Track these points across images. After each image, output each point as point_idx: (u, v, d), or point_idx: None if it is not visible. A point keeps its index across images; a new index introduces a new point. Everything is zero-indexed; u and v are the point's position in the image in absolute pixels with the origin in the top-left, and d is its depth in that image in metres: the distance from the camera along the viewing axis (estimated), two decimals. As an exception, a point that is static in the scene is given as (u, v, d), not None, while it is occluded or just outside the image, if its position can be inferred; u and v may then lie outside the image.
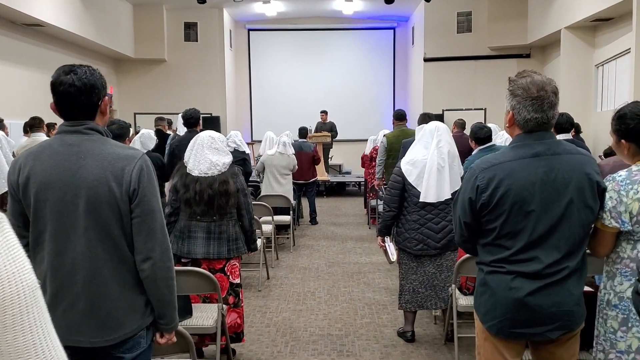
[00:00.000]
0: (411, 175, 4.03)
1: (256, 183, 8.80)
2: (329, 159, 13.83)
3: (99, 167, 1.88)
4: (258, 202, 6.85)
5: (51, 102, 1.94)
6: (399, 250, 4.24)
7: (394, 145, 7.11)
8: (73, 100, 1.91)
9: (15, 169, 1.92)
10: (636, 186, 2.16)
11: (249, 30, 16.24)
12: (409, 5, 14.52)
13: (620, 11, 8.75)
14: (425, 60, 13.81)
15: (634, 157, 2.27)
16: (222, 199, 3.77)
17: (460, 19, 13.54)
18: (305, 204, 9.67)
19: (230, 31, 15.41)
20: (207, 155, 3.80)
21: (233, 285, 3.89)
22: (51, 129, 7.51)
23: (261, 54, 16.26)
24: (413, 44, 15.21)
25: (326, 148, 12.99)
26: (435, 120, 4.35)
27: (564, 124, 4.70)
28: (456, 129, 9.53)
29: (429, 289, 4.15)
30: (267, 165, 7.84)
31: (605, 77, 10.02)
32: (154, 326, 2.03)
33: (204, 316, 3.50)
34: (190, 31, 14.45)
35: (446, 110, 13.45)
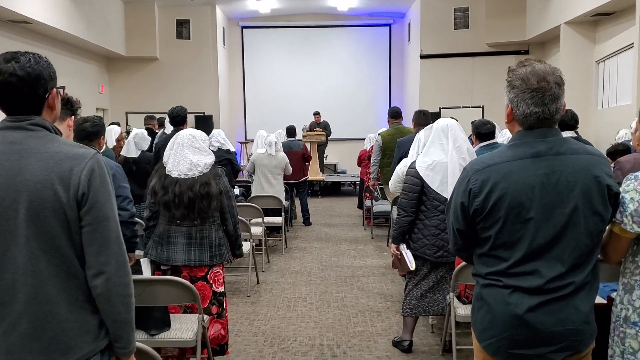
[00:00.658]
0: (434, 181, 3.76)
1: (247, 183, 8.56)
2: (324, 158, 13.59)
3: (43, 168, 1.63)
4: (248, 203, 6.60)
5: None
6: (414, 257, 3.95)
7: (389, 144, 6.87)
8: (15, 92, 1.66)
9: None
10: None
11: (243, 27, 16.00)
12: (405, 1, 14.30)
13: (622, 5, 8.53)
14: (422, 57, 13.58)
15: None
16: (204, 201, 3.51)
17: (458, 14, 13.32)
18: (298, 204, 9.41)
19: (224, 28, 15.17)
20: (187, 155, 3.55)
21: (216, 294, 3.63)
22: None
23: (255, 51, 16.02)
24: (409, 40, 14.98)
25: (321, 147, 12.76)
26: (441, 118, 4.11)
27: (568, 120, 4.45)
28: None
29: (437, 292, 3.92)
30: (258, 165, 7.60)
31: (606, 74, 9.80)
32: (110, 350, 1.78)
33: (184, 328, 3.25)
34: (183, 28, 14.22)
35: (443, 108, 13.21)
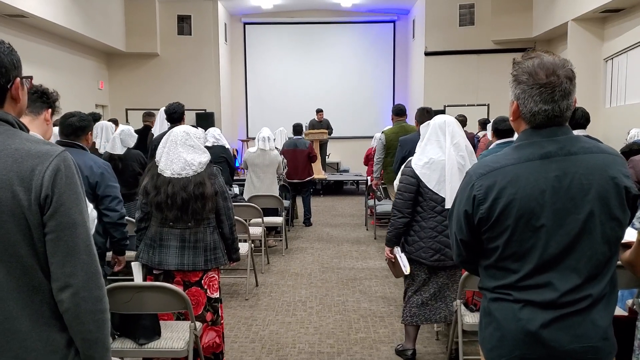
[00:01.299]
0: (430, 180, 3.56)
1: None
2: (327, 157, 13.39)
3: (1, 167, 1.44)
4: (248, 203, 6.42)
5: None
6: (410, 261, 3.76)
7: (392, 142, 6.68)
8: None
9: None
10: None
11: (245, 23, 15.80)
12: (410, -3, 14.10)
13: (631, 1, 8.33)
14: (427, 54, 13.37)
15: None
16: (198, 203, 3.33)
17: (463, 11, 13.11)
18: (299, 204, 9.23)
19: (225, 24, 14.98)
20: (180, 154, 3.37)
21: (211, 300, 3.45)
22: None
23: (257, 48, 15.82)
24: (414, 37, 14.77)
25: (323, 145, 12.56)
26: (439, 115, 3.90)
27: (579, 118, 4.25)
28: (457, 126, 9.12)
29: (440, 300, 3.71)
30: (249, 164, 7.43)
31: (615, 71, 9.59)
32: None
33: (175, 337, 3.07)
34: (184, 24, 14.03)
35: (448, 106, 13.03)
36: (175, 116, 5.59)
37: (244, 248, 5.01)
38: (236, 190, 7.43)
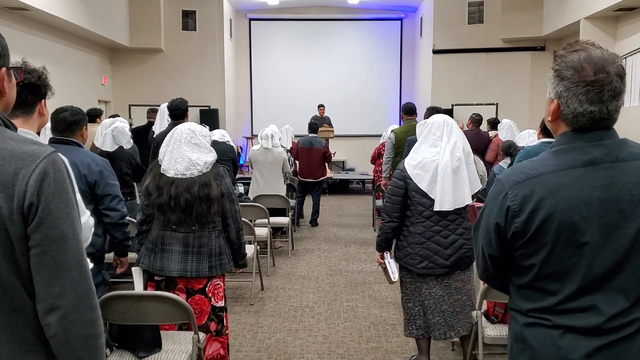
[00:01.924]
0: (422, 181, 3.36)
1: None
2: (332, 155, 13.17)
3: None
4: (253, 203, 6.22)
5: None
6: (400, 268, 3.57)
7: (402, 141, 6.48)
8: None
9: None
10: None
11: (250, 19, 15.59)
12: (418, -6, 13.87)
13: (648, -1, 8.10)
14: (435, 52, 13.14)
15: None
16: (203, 205, 3.13)
17: (472, 9, 12.87)
18: (307, 203, 9.02)
19: (231, 20, 14.76)
20: (185, 153, 3.17)
21: (216, 309, 3.25)
22: None
23: (262, 44, 15.61)
24: (421, 35, 14.54)
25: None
26: (438, 114, 3.71)
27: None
28: (472, 125, 8.89)
29: (437, 315, 3.43)
30: (254, 162, 7.24)
31: (628, 71, 9.35)
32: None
33: (176, 349, 2.88)
34: (189, 20, 13.82)
35: (456, 105, 12.81)
36: (179, 113, 5.38)
37: (249, 250, 4.81)
38: (241, 189, 7.24)
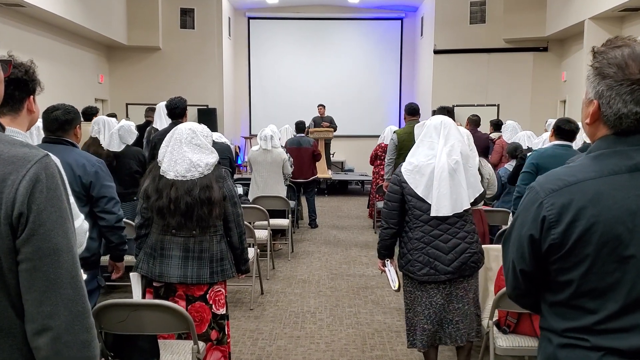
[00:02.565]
0: (418, 185, 3.22)
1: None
2: (331, 155, 13.06)
3: None
4: (252, 204, 6.09)
5: None
6: (403, 276, 3.43)
7: (405, 142, 6.34)
8: None
9: None
10: None
11: (249, 18, 15.45)
12: (419, -6, 13.75)
13: (654, -1, 8.00)
14: (436, 52, 13.03)
15: None
16: (204, 208, 3.00)
17: (474, 9, 12.76)
18: (304, 204, 8.90)
19: (229, 19, 14.62)
20: (185, 154, 3.04)
21: (217, 317, 3.12)
22: None
23: (262, 43, 15.47)
24: (422, 35, 14.43)
25: (327, 143, 12.22)
26: (436, 115, 3.60)
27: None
28: (469, 126, 8.77)
29: (436, 324, 3.29)
30: (253, 162, 7.12)
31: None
32: None
33: (175, 359, 2.75)
34: (187, 18, 13.69)
35: (457, 106, 12.65)
36: (177, 112, 5.25)
37: (250, 254, 4.67)
38: (240, 190, 7.10)
